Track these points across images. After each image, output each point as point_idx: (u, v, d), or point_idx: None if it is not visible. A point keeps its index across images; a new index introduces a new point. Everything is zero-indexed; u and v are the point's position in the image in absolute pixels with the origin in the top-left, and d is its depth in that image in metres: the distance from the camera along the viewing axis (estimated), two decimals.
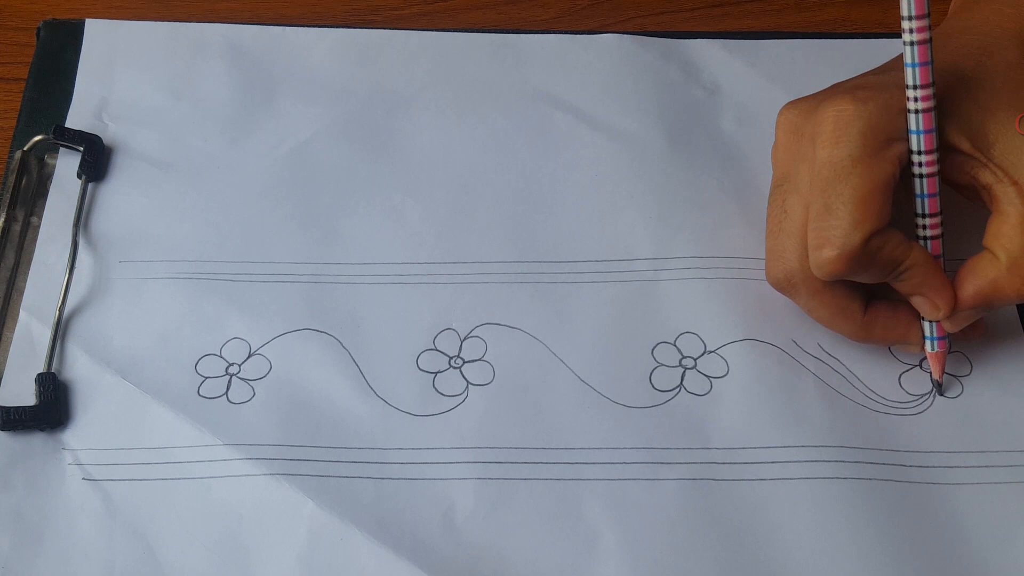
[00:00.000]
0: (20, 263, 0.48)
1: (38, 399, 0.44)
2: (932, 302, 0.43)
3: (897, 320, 0.45)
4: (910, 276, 0.42)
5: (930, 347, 0.45)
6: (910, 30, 0.41)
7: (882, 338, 0.45)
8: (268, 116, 0.53)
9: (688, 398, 0.45)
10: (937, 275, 0.43)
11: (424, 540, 0.41)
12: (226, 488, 0.42)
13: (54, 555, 0.41)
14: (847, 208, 0.41)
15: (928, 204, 0.43)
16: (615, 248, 0.49)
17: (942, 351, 0.45)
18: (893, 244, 0.42)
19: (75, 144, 0.50)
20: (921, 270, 0.42)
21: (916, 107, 0.41)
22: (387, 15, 0.58)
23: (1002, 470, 0.44)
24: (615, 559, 0.41)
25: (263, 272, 0.48)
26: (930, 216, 0.43)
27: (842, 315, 0.44)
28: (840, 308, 0.44)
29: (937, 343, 0.45)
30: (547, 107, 0.53)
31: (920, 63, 0.41)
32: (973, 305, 0.43)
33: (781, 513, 0.42)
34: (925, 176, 0.42)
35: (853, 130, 0.41)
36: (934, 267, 0.43)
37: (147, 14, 0.57)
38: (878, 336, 0.45)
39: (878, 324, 0.45)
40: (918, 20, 0.40)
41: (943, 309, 0.43)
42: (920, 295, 0.43)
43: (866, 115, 0.41)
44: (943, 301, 0.43)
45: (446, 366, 0.46)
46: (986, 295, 0.43)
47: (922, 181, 0.42)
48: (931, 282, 0.43)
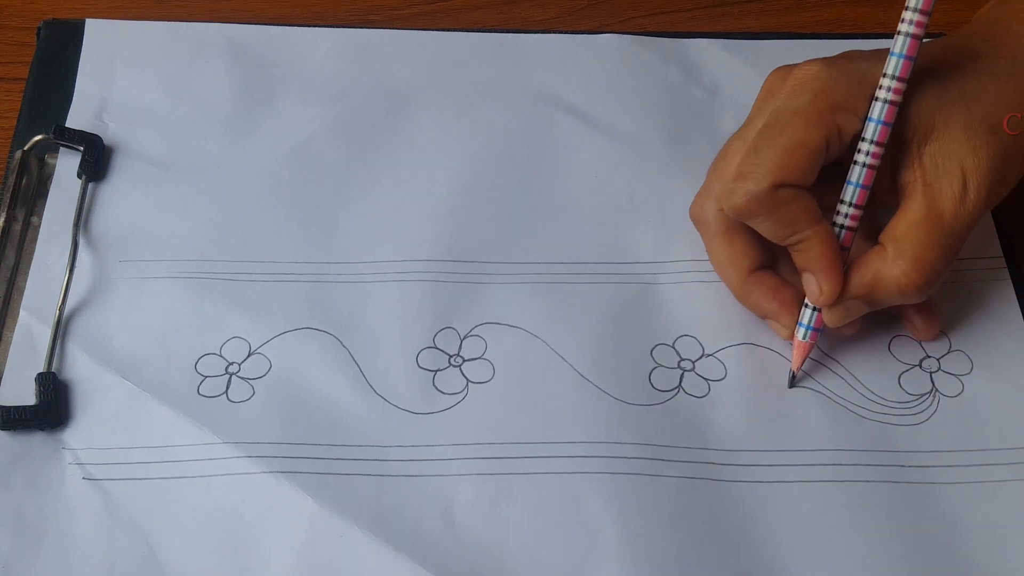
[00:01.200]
0: (20, 263, 0.48)
1: (38, 399, 0.44)
2: (818, 283, 0.43)
3: (776, 294, 0.45)
4: (806, 248, 0.43)
5: (802, 335, 0.45)
6: (909, 21, 0.41)
7: (757, 304, 0.45)
8: (268, 116, 0.53)
9: (687, 400, 0.45)
10: (833, 258, 0.43)
11: (424, 537, 0.41)
12: (226, 486, 0.42)
13: (54, 554, 0.41)
14: (771, 152, 0.42)
15: (857, 194, 0.43)
16: (615, 249, 0.49)
17: (811, 343, 0.45)
18: (801, 206, 0.42)
19: (75, 144, 0.50)
20: (819, 246, 0.42)
21: (884, 96, 0.41)
22: (387, 15, 0.58)
23: (1002, 468, 0.44)
24: (615, 554, 0.41)
25: (263, 271, 0.48)
26: (853, 207, 0.43)
27: (731, 264, 0.45)
28: (732, 257, 0.45)
29: (810, 334, 0.44)
30: (547, 107, 0.53)
31: (905, 55, 0.41)
32: (855, 295, 0.43)
33: (781, 514, 0.42)
34: (865, 165, 0.42)
35: (808, 88, 0.42)
36: (833, 249, 0.43)
37: (147, 14, 0.57)
38: (753, 301, 0.45)
39: (757, 288, 0.45)
40: (920, 14, 0.41)
41: (826, 294, 0.43)
42: (810, 272, 0.43)
43: (825, 78, 0.42)
44: (829, 285, 0.43)
45: (446, 364, 0.46)
46: (868, 286, 0.43)
47: (861, 170, 0.42)
48: (824, 263, 0.43)
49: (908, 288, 0.42)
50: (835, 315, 0.44)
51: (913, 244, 0.42)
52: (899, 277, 0.42)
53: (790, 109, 0.42)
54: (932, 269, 0.42)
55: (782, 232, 0.43)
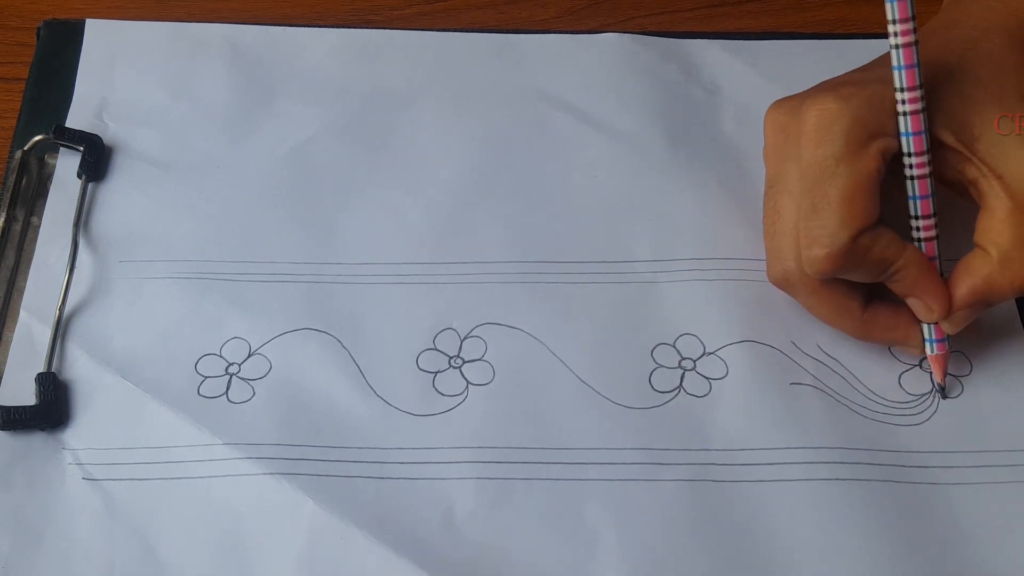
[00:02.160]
0: (20, 263, 0.48)
1: (38, 399, 0.44)
2: (926, 304, 0.43)
3: (897, 320, 0.45)
4: (903, 277, 0.43)
5: (929, 349, 0.45)
6: (895, 33, 0.41)
7: (882, 338, 0.45)
8: (268, 116, 0.53)
9: (687, 399, 0.45)
10: (931, 276, 0.43)
11: (424, 539, 0.41)
12: (226, 487, 0.42)
13: (54, 555, 0.41)
14: (833, 207, 0.41)
15: (921, 206, 0.43)
16: (615, 249, 0.49)
17: (942, 353, 0.45)
18: (884, 243, 0.42)
19: (75, 144, 0.50)
20: (914, 271, 0.42)
21: (904, 109, 0.41)
22: (387, 15, 0.58)
23: (1002, 469, 0.44)
24: (615, 559, 0.41)
25: (263, 272, 0.48)
26: (923, 218, 0.43)
27: (841, 313, 0.44)
28: (839, 306, 0.44)
29: (936, 345, 0.45)
30: (547, 107, 0.53)
31: (906, 65, 0.41)
32: (969, 304, 0.43)
33: (781, 514, 0.42)
34: (917, 178, 0.42)
35: (836, 128, 0.41)
36: (928, 268, 0.43)
37: (147, 14, 0.56)
38: (878, 335, 0.45)
39: (878, 323, 0.45)
40: (902, 24, 0.41)
41: (937, 311, 0.43)
42: (914, 296, 0.43)
43: (848, 113, 0.41)
44: (937, 303, 0.43)
45: (446, 366, 0.46)
46: (981, 292, 0.43)
47: (914, 183, 0.42)
48: (924, 284, 0.43)
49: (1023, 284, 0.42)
50: (953, 325, 0.44)
51: (1013, 241, 0.41)
52: (1014, 279, 0.42)
53: (831, 157, 0.41)
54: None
55: (875, 274, 0.42)
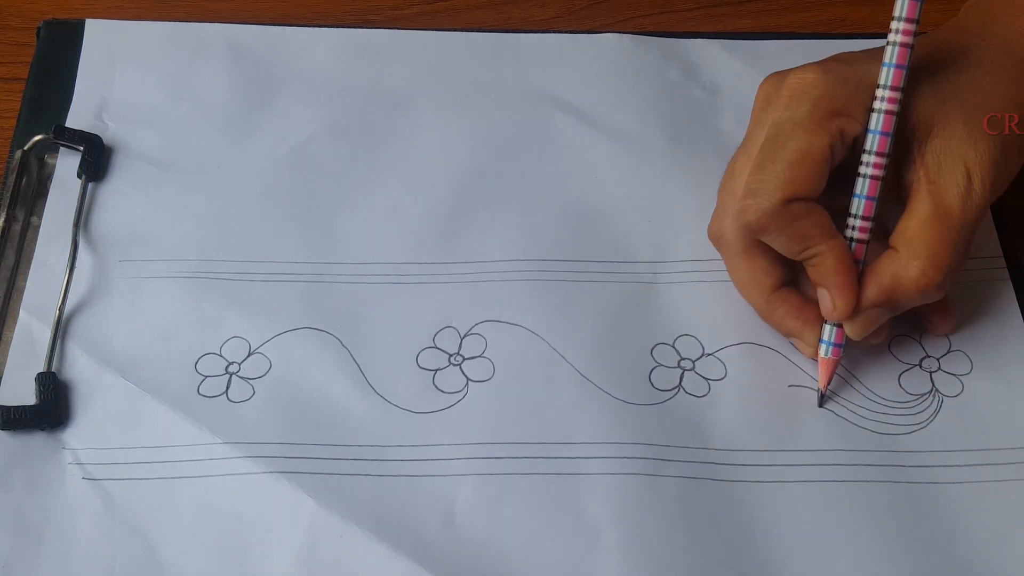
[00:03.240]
0: (20, 263, 0.48)
1: (38, 398, 0.44)
2: (833, 298, 0.43)
3: (800, 312, 0.45)
4: (820, 262, 0.43)
5: (823, 351, 0.44)
6: (896, 31, 0.41)
7: (781, 322, 0.45)
8: (268, 116, 0.53)
9: (687, 399, 0.45)
10: (846, 272, 0.43)
11: (424, 537, 0.41)
12: (226, 486, 0.42)
13: (54, 554, 0.41)
14: (778, 167, 0.42)
15: (863, 206, 0.43)
16: (615, 249, 0.49)
17: (834, 359, 0.44)
18: (813, 220, 0.42)
19: (75, 144, 0.50)
20: (832, 260, 0.42)
21: (880, 107, 0.42)
22: (387, 15, 0.58)
23: (1002, 468, 0.44)
24: (616, 555, 0.41)
25: (263, 271, 0.48)
26: (861, 218, 0.43)
27: (754, 283, 0.45)
28: (754, 276, 0.45)
29: (832, 349, 0.44)
30: (547, 107, 0.53)
31: (896, 64, 0.41)
32: (874, 302, 0.43)
33: (781, 513, 0.42)
34: (869, 177, 0.42)
35: (805, 96, 0.42)
36: (846, 263, 0.43)
37: (147, 14, 0.57)
38: (778, 319, 0.45)
39: (782, 306, 0.45)
40: (906, 23, 0.41)
41: (840, 308, 0.43)
42: (825, 287, 0.43)
43: (822, 85, 0.42)
44: (843, 300, 0.43)
45: (446, 363, 0.46)
46: (886, 290, 0.43)
47: (864, 181, 0.42)
48: (838, 277, 0.43)
49: (927, 287, 0.42)
50: (856, 327, 0.44)
51: (926, 243, 0.42)
52: (918, 278, 0.42)
53: (790, 120, 0.42)
54: (948, 265, 0.42)
55: (795, 247, 0.43)
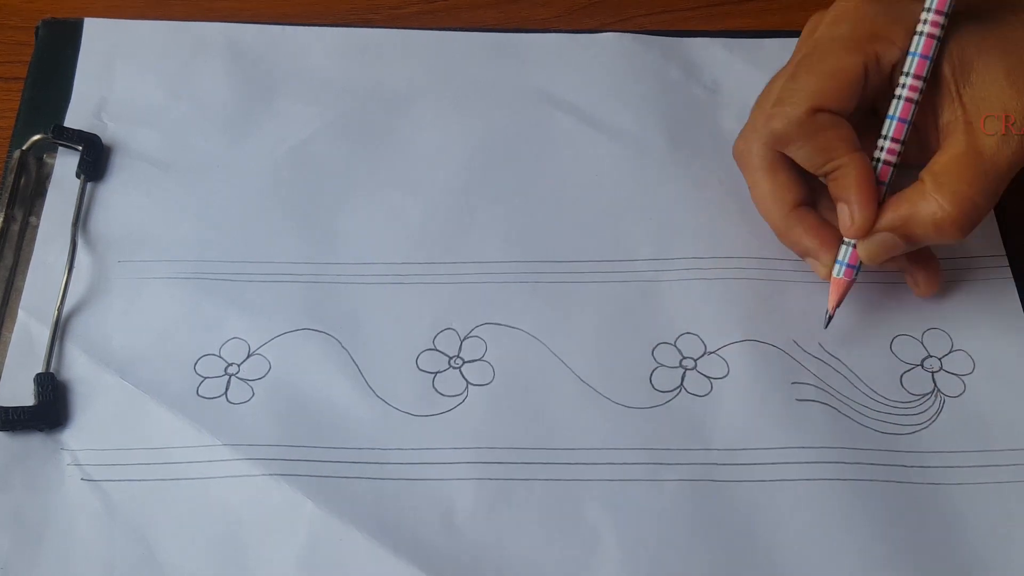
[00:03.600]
0: (19, 263, 0.48)
1: (37, 399, 0.44)
2: (851, 212, 0.43)
3: (817, 231, 0.45)
4: (842, 175, 0.43)
5: (836, 271, 0.45)
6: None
7: (799, 241, 0.45)
8: (268, 115, 0.53)
9: (688, 399, 0.45)
10: (867, 187, 0.43)
11: (424, 540, 0.41)
12: (225, 488, 0.42)
13: (53, 555, 0.41)
14: (809, 77, 0.43)
15: (894, 127, 0.43)
16: (615, 248, 0.49)
17: (846, 280, 0.45)
18: (838, 133, 0.43)
19: (74, 143, 0.50)
20: (853, 172, 0.43)
21: (923, 29, 0.42)
22: (387, 14, 0.58)
23: (1004, 469, 0.43)
24: (615, 560, 0.41)
25: (262, 272, 0.48)
26: (892, 140, 0.43)
27: (774, 199, 0.45)
28: (776, 192, 0.45)
29: (844, 270, 0.45)
30: (547, 106, 0.53)
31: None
32: (890, 227, 0.43)
33: (782, 514, 0.42)
34: (903, 99, 0.43)
35: (846, 18, 0.43)
36: (867, 178, 0.43)
37: (146, 13, 0.56)
38: (796, 237, 0.45)
39: (799, 225, 0.45)
40: None
41: (857, 223, 0.43)
42: (843, 201, 0.43)
43: (864, 8, 0.43)
44: (861, 214, 0.43)
45: (446, 366, 0.46)
46: (904, 218, 0.43)
47: (899, 103, 0.43)
48: (859, 192, 0.43)
49: (944, 223, 0.42)
50: (869, 250, 0.44)
51: (952, 178, 0.42)
52: (936, 211, 0.42)
53: (828, 38, 0.43)
54: (971, 204, 0.42)
55: (818, 159, 0.43)
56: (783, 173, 0.45)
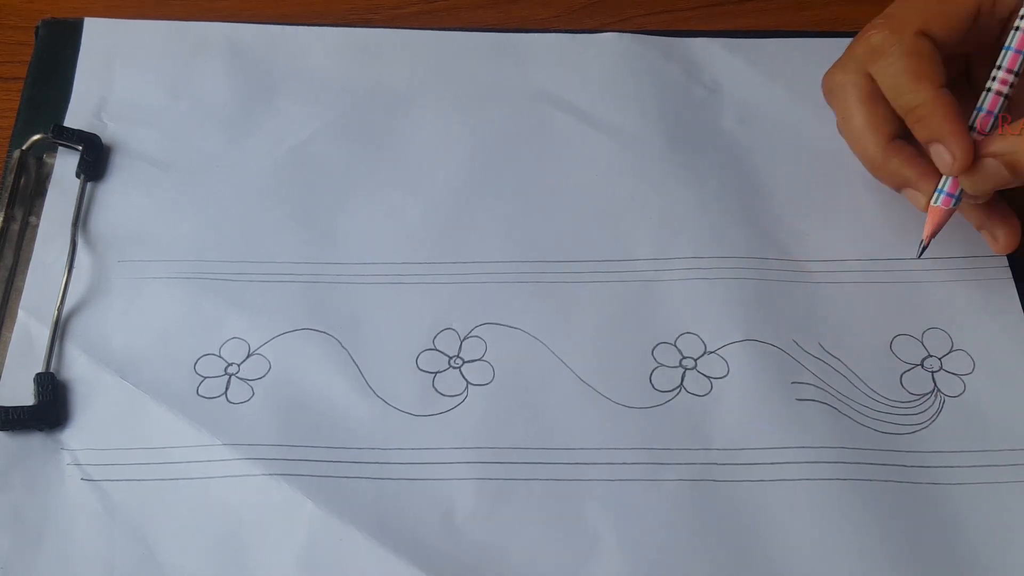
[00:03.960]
0: (19, 263, 0.48)
1: (37, 399, 0.43)
2: (949, 149, 0.42)
3: (916, 162, 0.44)
4: (928, 113, 0.42)
5: (935, 199, 0.44)
6: None
7: (897, 172, 0.44)
8: (268, 115, 0.53)
9: (688, 399, 0.45)
10: (957, 122, 0.42)
11: (424, 540, 0.41)
12: (225, 488, 0.42)
13: (53, 555, 0.41)
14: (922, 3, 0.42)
15: (1009, 58, 0.42)
16: (615, 248, 0.49)
17: (946, 208, 0.44)
18: (932, 63, 0.41)
19: (74, 143, 0.50)
20: (941, 109, 0.42)
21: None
22: (387, 14, 0.58)
23: (1004, 469, 0.43)
24: (615, 560, 0.41)
25: (262, 272, 0.48)
26: (1005, 70, 0.42)
27: (871, 130, 0.44)
28: (872, 123, 0.44)
29: (943, 198, 0.44)
30: (547, 106, 0.53)
31: None
32: (998, 153, 0.42)
33: (781, 514, 0.42)
34: (1020, 30, 0.42)
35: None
36: (956, 113, 0.42)
37: (146, 13, 0.56)
38: (893, 168, 0.44)
39: (898, 156, 0.44)
40: None
41: (959, 159, 0.42)
42: (937, 141, 0.42)
43: None
44: (959, 148, 0.42)
45: (446, 366, 0.46)
46: (1011, 148, 0.41)
47: (1016, 34, 0.42)
48: (949, 126, 0.42)
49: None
50: (974, 179, 0.42)
51: None
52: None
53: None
54: None
55: (906, 82, 0.42)
56: (879, 105, 0.44)
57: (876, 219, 0.50)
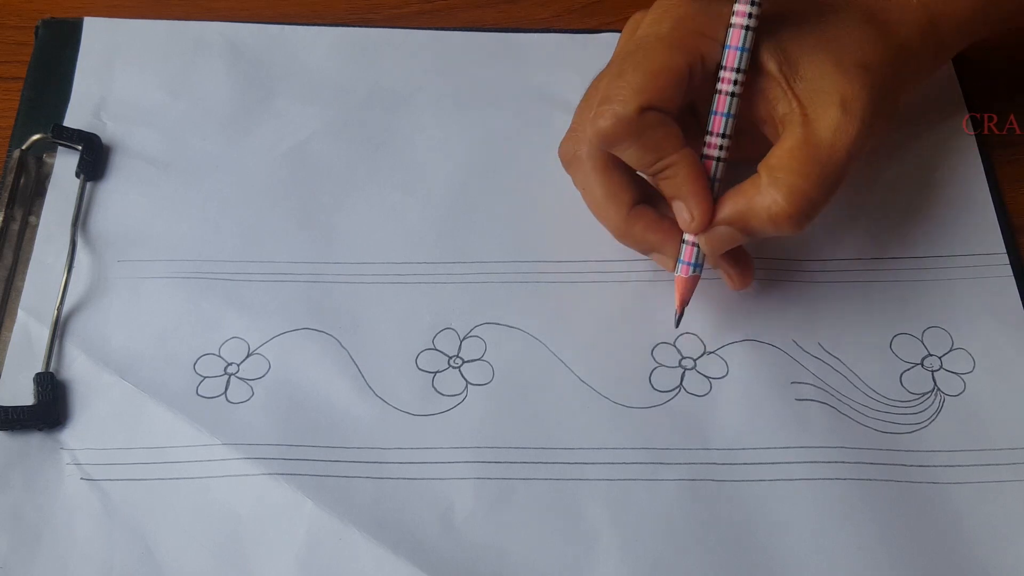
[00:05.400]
0: (18, 262, 0.48)
1: (36, 399, 0.43)
2: (688, 209, 0.43)
3: (658, 227, 0.44)
4: (673, 174, 0.42)
5: (677, 269, 0.44)
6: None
7: (641, 239, 0.45)
8: (267, 115, 0.53)
9: (688, 399, 0.45)
10: (700, 182, 0.42)
11: (423, 540, 0.41)
12: (225, 488, 0.42)
13: (52, 555, 0.41)
14: (635, 75, 0.41)
15: (717, 122, 0.42)
16: (615, 248, 0.49)
17: (686, 277, 0.44)
18: (666, 131, 0.42)
19: (73, 143, 0.50)
20: (684, 170, 0.42)
21: (734, 21, 0.41)
22: (386, 14, 0.58)
23: (1004, 468, 0.43)
24: (614, 559, 0.41)
25: (262, 271, 0.48)
26: (718, 135, 0.43)
27: (611, 200, 0.44)
28: (611, 193, 0.44)
29: (682, 267, 0.44)
30: (546, 106, 0.53)
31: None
32: (728, 221, 0.42)
33: (781, 513, 0.42)
34: (723, 92, 0.42)
35: (670, 15, 0.43)
36: (699, 173, 0.42)
37: (146, 12, 0.56)
38: (637, 236, 0.45)
39: (640, 222, 0.44)
40: None
41: (696, 219, 0.42)
42: (679, 199, 0.43)
43: (686, 6, 0.42)
44: (698, 210, 0.42)
45: (445, 366, 0.46)
46: (741, 213, 0.42)
47: (720, 98, 0.42)
48: (692, 187, 0.42)
49: (779, 217, 0.41)
50: (710, 243, 0.43)
51: (787, 171, 0.41)
52: (770, 205, 0.41)
53: (653, 35, 0.42)
54: (806, 199, 0.41)
55: (648, 158, 0.42)
56: (616, 173, 0.44)
57: (876, 219, 0.50)
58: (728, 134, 0.42)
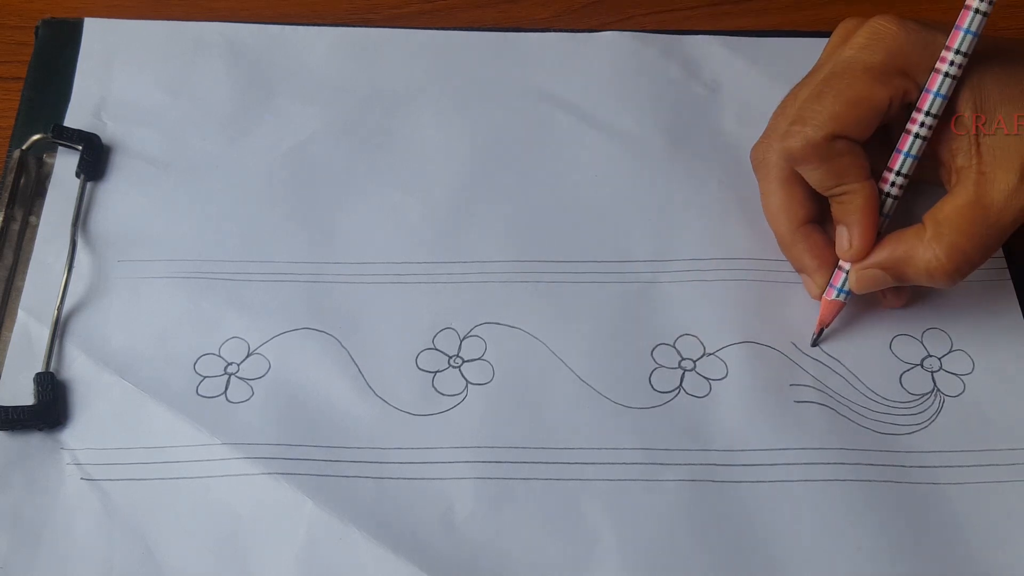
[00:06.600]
0: (18, 262, 0.48)
1: (36, 399, 0.43)
2: (850, 237, 0.43)
3: (820, 251, 0.45)
4: (848, 200, 0.43)
5: (828, 293, 0.45)
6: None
7: (800, 256, 0.46)
8: (267, 115, 0.53)
9: (687, 400, 0.45)
10: (869, 216, 0.43)
11: (423, 540, 0.41)
12: (225, 488, 0.42)
13: (52, 555, 0.41)
14: (834, 103, 0.42)
15: (906, 164, 0.43)
16: (615, 248, 0.49)
17: (830, 300, 0.45)
18: (852, 160, 0.42)
19: (74, 143, 0.50)
20: (860, 200, 0.43)
21: (946, 70, 0.41)
22: (386, 13, 0.58)
23: (1003, 469, 0.43)
24: (614, 559, 0.41)
25: (262, 271, 0.48)
26: (902, 175, 0.43)
27: (785, 212, 0.45)
28: (787, 206, 0.45)
29: (834, 292, 0.45)
30: (547, 106, 0.53)
31: (973, 31, 0.41)
32: (882, 265, 0.43)
33: (781, 514, 0.42)
34: (918, 136, 0.43)
35: (882, 45, 0.42)
36: (872, 207, 0.43)
37: (146, 13, 0.56)
38: (797, 252, 0.46)
39: (804, 242, 0.45)
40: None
41: (855, 248, 0.43)
42: (845, 225, 0.44)
43: (901, 40, 0.42)
44: (859, 240, 0.43)
45: (445, 365, 0.46)
46: (898, 260, 0.43)
47: (914, 140, 0.43)
48: (861, 217, 0.43)
49: (937, 272, 0.42)
50: (860, 281, 0.44)
51: (953, 229, 0.42)
52: (930, 260, 0.42)
53: (860, 62, 0.42)
54: (966, 259, 0.42)
55: (829, 182, 0.43)
56: (797, 188, 0.45)
57: None
58: (906, 174, 0.43)
